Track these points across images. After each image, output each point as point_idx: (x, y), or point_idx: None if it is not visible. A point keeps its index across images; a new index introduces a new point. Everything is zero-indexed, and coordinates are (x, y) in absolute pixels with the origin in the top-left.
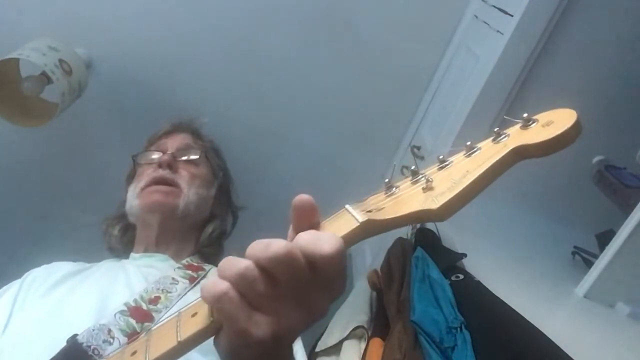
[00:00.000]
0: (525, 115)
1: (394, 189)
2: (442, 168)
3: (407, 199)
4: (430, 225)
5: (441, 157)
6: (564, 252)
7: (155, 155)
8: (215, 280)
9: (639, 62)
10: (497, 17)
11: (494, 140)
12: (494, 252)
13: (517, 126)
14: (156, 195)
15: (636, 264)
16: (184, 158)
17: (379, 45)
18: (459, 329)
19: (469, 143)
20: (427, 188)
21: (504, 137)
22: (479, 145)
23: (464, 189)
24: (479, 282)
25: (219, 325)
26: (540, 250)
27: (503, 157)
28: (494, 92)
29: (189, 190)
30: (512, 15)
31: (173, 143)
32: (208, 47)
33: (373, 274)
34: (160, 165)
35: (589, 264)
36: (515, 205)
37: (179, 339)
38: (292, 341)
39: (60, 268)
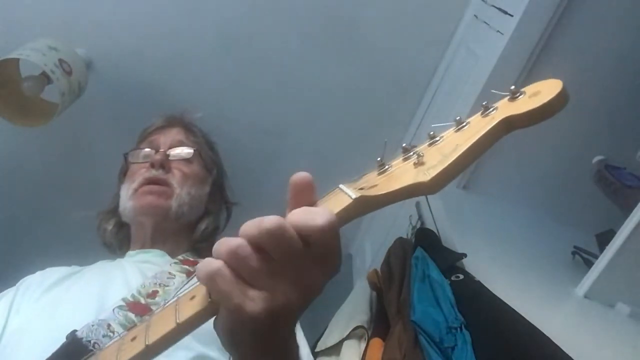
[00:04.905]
0: (512, 87)
1: (386, 167)
2: (432, 144)
3: (399, 174)
4: (430, 225)
5: (431, 133)
6: (564, 252)
7: (147, 152)
8: (208, 259)
9: (639, 62)
10: (497, 17)
11: (482, 114)
12: (494, 252)
13: (505, 99)
14: (149, 197)
15: (636, 264)
16: (176, 157)
17: (379, 45)
18: (459, 329)
19: (458, 118)
20: (419, 163)
21: (492, 110)
22: (468, 120)
23: (453, 162)
24: (479, 282)
25: (217, 306)
26: (540, 250)
27: (491, 128)
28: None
29: (182, 191)
30: (512, 15)
31: (165, 139)
32: (208, 48)
33: (373, 274)
34: (152, 165)
35: (589, 264)
36: (515, 205)
37: (177, 321)
38: (290, 321)
39: (55, 272)
